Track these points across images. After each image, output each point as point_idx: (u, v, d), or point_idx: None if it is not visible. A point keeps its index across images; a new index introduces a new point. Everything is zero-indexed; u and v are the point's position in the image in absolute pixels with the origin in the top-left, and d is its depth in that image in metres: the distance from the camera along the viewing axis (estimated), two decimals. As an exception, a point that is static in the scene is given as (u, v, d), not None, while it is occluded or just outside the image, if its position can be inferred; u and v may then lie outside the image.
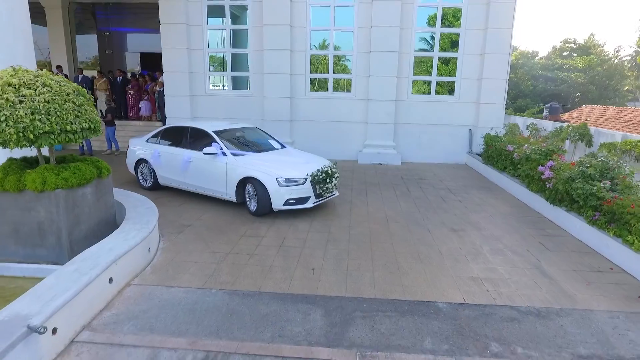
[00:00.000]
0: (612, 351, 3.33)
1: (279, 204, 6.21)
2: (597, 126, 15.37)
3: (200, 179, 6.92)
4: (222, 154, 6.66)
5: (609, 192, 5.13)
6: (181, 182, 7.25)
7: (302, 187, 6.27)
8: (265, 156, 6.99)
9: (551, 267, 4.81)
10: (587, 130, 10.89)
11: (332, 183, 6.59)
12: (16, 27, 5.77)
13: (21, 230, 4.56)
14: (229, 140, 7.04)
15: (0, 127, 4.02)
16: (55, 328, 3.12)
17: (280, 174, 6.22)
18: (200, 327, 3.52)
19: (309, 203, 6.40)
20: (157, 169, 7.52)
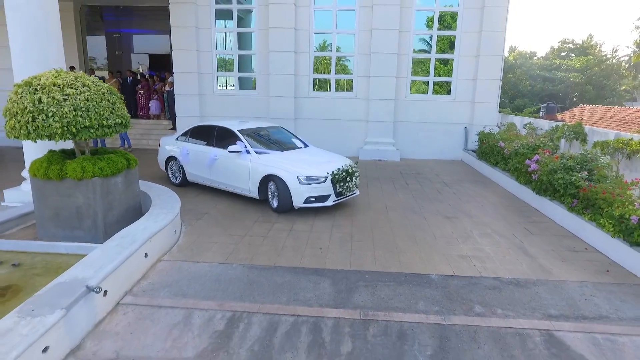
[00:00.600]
0: (578, 312, 3.91)
1: (300, 201, 6.34)
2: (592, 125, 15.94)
3: (226, 176, 7.14)
4: (246, 152, 6.85)
5: (586, 181, 5.71)
6: (208, 179, 7.49)
7: (323, 185, 6.37)
8: (288, 155, 7.09)
9: (533, 248, 5.39)
10: (582, 129, 11.44)
11: (353, 182, 6.66)
12: (49, 31, 6.33)
13: (61, 214, 5.13)
14: (253, 139, 7.23)
15: (48, 122, 4.59)
16: (106, 291, 3.70)
17: (302, 172, 6.34)
18: (226, 293, 4.10)
19: (329, 201, 6.49)
20: (185, 166, 7.79)
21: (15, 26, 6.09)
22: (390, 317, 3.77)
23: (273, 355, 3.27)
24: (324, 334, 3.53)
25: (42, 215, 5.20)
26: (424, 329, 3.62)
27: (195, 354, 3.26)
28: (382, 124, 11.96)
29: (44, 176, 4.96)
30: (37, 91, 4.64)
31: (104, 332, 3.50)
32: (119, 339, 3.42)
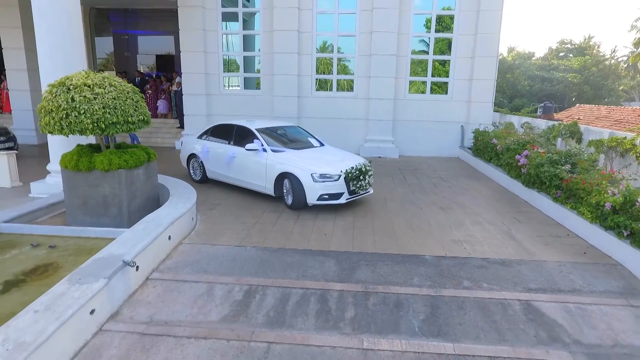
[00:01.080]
0: (555, 286, 4.41)
1: (313, 198, 6.48)
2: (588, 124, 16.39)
3: (243, 174, 7.36)
4: (263, 150, 7.04)
5: (569, 173, 6.20)
6: (226, 176, 7.74)
7: (336, 183, 6.49)
8: (303, 153, 7.20)
9: (519, 234, 5.89)
10: (577, 128, 11.89)
11: (366, 180, 6.76)
12: (73, 36, 6.84)
13: (89, 203, 5.63)
14: (270, 137, 7.42)
15: (80, 118, 5.09)
16: (138, 266, 4.19)
17: (315, 170, 6.48)
18: (242, 270, 4.60)
19: (342, 199, 6.60)
20: (205, 164, 8.05)
21: (42, 31, 6.60)
22: (388, 290, 4.27)
23: (286, 319, 3.77)
24: (330, 303, 4.03)
25: (71, 204, 5.70)
26: (418, 299, 4.12)
27: (219, 318, 3.76)
28: (382, 122, 12.45)
29: (74, 168, 5.47)
30: (70, 90, 5.15)
31: (137, 301, 4.01)
32: (151, 306, 3.93)
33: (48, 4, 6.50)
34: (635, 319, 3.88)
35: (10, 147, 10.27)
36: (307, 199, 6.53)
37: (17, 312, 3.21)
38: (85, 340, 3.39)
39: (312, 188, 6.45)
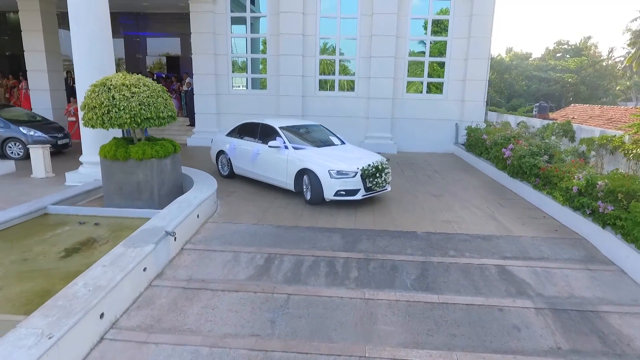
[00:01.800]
0: (526, 255, 5.22)
1: (330, 194, 6.72)
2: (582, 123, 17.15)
3: (266, 169, 7.70)
4: (285, 148, 7.33)
5: (546, 163, 7.01)
6: (251, 172, 8.10)
7: (352, 180, 6.70)
8: (323, 151, 7.46)
9: (501, 216, 6.69)
10: (570, 127, 12.66)
11: (382, 178, 6.89)
12: (104, 42, 7.64)
13: (124, 188, 6.44)
14: (292, 135, 7.72)
15: (119, 114, 5.90)
16: (176, 237, 5.00)
17: (333, 167, 6.71)
18: (261, 243, 5.40)
19: (358, 195, 6.80)
20: (233, 160, 8.47)
21: (78, 37, 7.40)
22: (385, 257, 5.08)
23: (301, 278, 4.57)
24: (337, 267, 4.84)
25: (108, 189, 6.51)
26: (410, 264, 4.93)
27: (246, 277, 4.57)
28: (381, 120, 13.25)
29: (112, 157, 6.27)
30: (110, 90, 5.95)
31: (176, 265, 4.81)
32: (189, 269, 4.73)
33: (84, 14, 7.30)
34: (589, 279, 4.69)
35: (65, 144, 11.16)
36: (324, 194, 6.77)
37: (82, 270, 4.00)
38: (140, 292, 4.20)
39: (329, 184, 6.69)
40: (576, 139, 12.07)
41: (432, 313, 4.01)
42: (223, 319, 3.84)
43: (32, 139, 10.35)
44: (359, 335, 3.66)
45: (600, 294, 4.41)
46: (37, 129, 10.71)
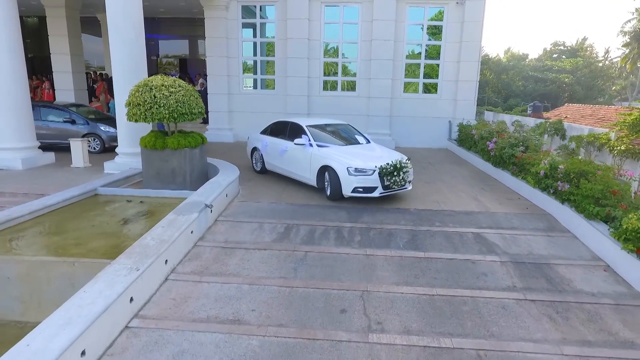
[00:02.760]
0: (499, 225, 6.34)
1: (348, 190, 6.97)
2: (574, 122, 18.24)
3: (292, 166, 8.16)
4: (309, 145, 7.69)
5: (522, 153, 8.12)
6: (280, 168, 8.58)
7: (370, 178, 6.92)
8: (345, 149, 7.75)
9: (483, 198, 7.81)
10: (562, 126, 13.72)
11: (400, 176, 7.01)
12: (139, 47, 8.74)
13: (161, 173, 7.54)
14: (318, 134, 8.05)
15: (160, 110, 7.01)
16: (211, 210, 6.11)
17: (351, 165, 6.97)
18: (280, 216, 6.52)
19: (376, 193, 7.00)
20: (264, 156, 8.96)
21: (117, 43, 8.50)
22: (383, 227, 6.20)
23: (315, 241, 5.69)
24: (343, 233, 5.96)
25: (147, 174, 7.62)
26: (403, 231, 6.05)
27: (271, 240, 5.69)
28: (380, 118, 14.36)
29: (152, 147, 7.38)
30: (152, 90, 7.06)
31: (213, 231, 5.93)
32: (224, 235, 5.85)
33: (121, 23, 8.40)
34: (547, 242, 5.81)
35: None
36: (342, 190, 7.05)
37: (140, 234, 5.11)
38: (189, 249, 5.32)
39: (347, 181, 6.95)
40: (567, 136, 13.10)
41: (419, 264, 5.13)
42: (256, 267, 4.96)
43: (108, 135, 11.42)
44: (361, 278, 4.79)
45: (554, 252, 5.53)
46: (110, 126, 11.58)
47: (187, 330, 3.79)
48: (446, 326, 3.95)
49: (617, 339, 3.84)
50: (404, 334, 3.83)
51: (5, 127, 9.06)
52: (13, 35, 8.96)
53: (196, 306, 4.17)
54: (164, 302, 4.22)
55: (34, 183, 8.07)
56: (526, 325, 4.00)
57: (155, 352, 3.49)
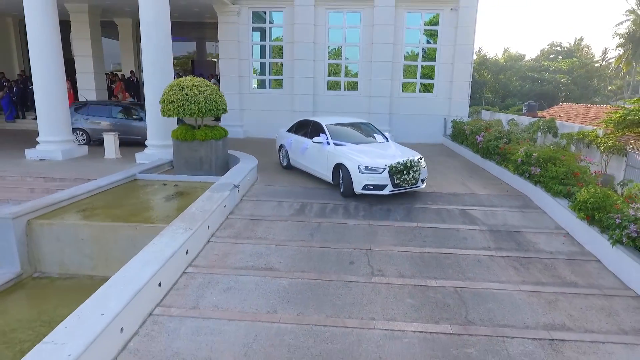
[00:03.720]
0: (481, 204, 7.47)
1: (359, 188, 7.22)
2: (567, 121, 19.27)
3: (312, 162, 8.56)
4: (327, 143, 8.00)
5: (505, 144, 9.25)
6: (302, 164, 9.01)
7: (380, 176, 7.13)
8: (361, 147, 7.94)
9: (470, 183, 8.94)
10: (554, 124, 14.79)
11: (410, 175, 7.17)
12: (166, 52, 9.87)
13: (190, 162, 8.67)
14: (336, 132, 8.37)
15: (191, 106, 8.14)
16: (238, 190, 7.24)
17: (362, 163, 7.20)
18: (296, 196, 7.66)
19: (386, 190, 7.18)
20: (289, 153, 9.47)
21: (149, 48, 9.63)
22: (383, 205, 7.33)
23: (326, 215, 6.82)
24: (350, 209, 7.09)
25: (178, 163, 8.76)
26: (400, 208, 7.18)
27: (289, 214, 6.82)
28: (380, 115, 15.47)
29: (182, 138, 8.52)
30: (184, 89, 8.19)
31: (241, 208, 7.07)
32: (249, 210, 6.98)
33: (153, 31, 9.52)
34: (520, 216, 6.94)
35: None
36: (353, 187, 7.31)
37: (182, 208, 6.23)
38: (222, 220, 6.45)
39: (358, 178, 7.20)
40: (559, 134, 14.15)
41: (412, 231, 6.27)
42: (279, 233, 6.10)
43: None
44: (366, 241, 5.92)
45: (524, 223, 6.67)
46: None
47: (231, 274, 4.93)
48: (432, 272, 5.09)
49: (564, 281, 4.98)
50: (399, 277, 4.96)
51: (47, 123, 10.18)
52: (55, 43, 10.06)
53: (235, 259, 5.30)
54: (210, 256, 5.36)
55: (78, 170, 9.19)
56: (495, 272, 5.14)
57: (210, 288, 4.62)
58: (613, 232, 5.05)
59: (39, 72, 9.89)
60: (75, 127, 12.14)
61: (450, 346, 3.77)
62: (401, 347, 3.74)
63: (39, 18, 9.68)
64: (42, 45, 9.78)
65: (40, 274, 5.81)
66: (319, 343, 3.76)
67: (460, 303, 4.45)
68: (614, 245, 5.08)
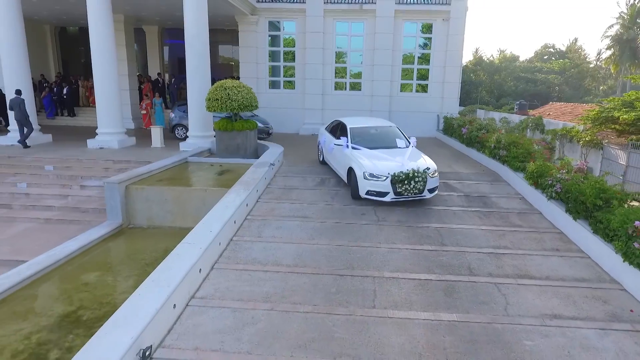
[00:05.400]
0: (460, 178, 9.60)
1: (362, 192, 7.57)
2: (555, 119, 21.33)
3: (335, 162, 9.21)
4: (346, 146, 8.48)
5: (483, 134, 11.38)
6: (330, 162, 9.75)
7: (382, 183, 7.35)
8: (375, 152, 8.15)
9: (454, 165, 11.06)
10: (541, 121, 16.82)
11: (411, 185, 7.27)
12: (205, 58, 11.95)
13: (228, 148, 10.78)
14: (358, 135, 8.76)
15: (232, 103, 10.25)
16: (273, 166, 9.35)
17: (367, 169, 7.49)
18: (317, 173, 9.79)
19: (387, 198, 7.39)
20: (323, 150, 10.33)
21: (192, 56, 11.72)
22: (384, 179, 9.46)
23: (341, 185, 8.93)
24: (359, 182, 9.22)
25: (219, 148, 10.87)
26: (398, 182, 9.30)
27: (313, 185, 8.95)
28: (381, 112, 17.57)
29: (223, 129, 10.62)
30: (226, 89, 10.29)
31: (275, 181, 9.18)
32: (282, 182, 9.10)
33: (196, 43, 11.60)
34: (489, 187, 9.07)
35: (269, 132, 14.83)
36: (359, 191, 7.70)
37: (233, 180, 8.32)
38: (264, 188, 8.55)
39: (362, 183, 7.55)
40: (545, 130, 16.14)
41: (407, 196, 8.39)
42: (309, 198, 8.21)
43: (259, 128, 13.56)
44: (373, 203, 8.03)
45: (492, 191, 8.79)
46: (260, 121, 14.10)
47: (279, 219, 7.04)
48: (420, 220, 7.20)
49: (512, 224, 7.10)
50: (397, 222, 7.07)
51: (106, 117, 12.26)
52: (112, 48, 12.15)
53: (280, 211, 7.42)
54: (261, 209, 7.48)
55: (136, 156, 11.28)
56: (464, 220, 7.26)
57: (266, 227, 6.73)
58: (547, 191, 7.17)
59: (99, 76, 11.97)
60: (177, 124, 14.25)
61: (430, 256, 5.89)
62: (399, 256, 5.86)
63: (100, 30, 11.75)
64: (102, 54, 11.86)
65: (133, 226, 7.92)
66: (345, 254, 5.88)
67: (438, 235, 6.58)
68: (549, 200, 7.20)
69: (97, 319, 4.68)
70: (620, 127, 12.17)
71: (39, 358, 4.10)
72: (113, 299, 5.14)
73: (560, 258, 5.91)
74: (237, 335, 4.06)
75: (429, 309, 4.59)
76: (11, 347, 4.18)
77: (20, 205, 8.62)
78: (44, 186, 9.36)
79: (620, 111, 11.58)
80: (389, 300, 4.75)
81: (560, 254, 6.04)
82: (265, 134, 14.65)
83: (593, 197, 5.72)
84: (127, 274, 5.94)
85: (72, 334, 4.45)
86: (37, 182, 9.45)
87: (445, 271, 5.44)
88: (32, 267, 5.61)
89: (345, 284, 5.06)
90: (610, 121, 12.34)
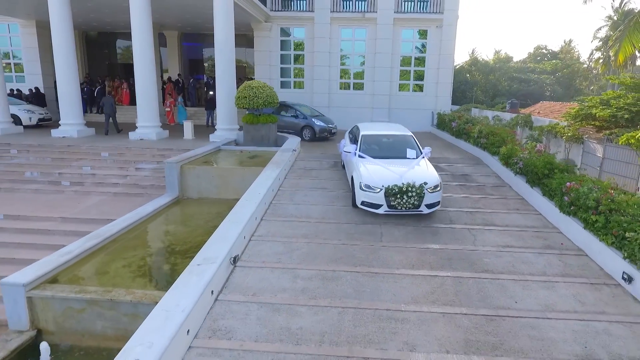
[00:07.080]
0: (449, 162, 11.65)
1: (358, 202, 7.62)
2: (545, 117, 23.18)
3: (345, 166, 9.69)
4: (354, 154, 8.65)
5: (469, 126, 13.39)
6: (344, 165, 10.06)
7: (376, 195, 7.28)
8: (379, 162, 8.19)
9: (445, 153, 13.08)
10: (530, 119, 18.76)
11: (404, 200, 7.08)
12: (232, 62, 13.93)
13: (254, 138, 12.76)
14: (370, 143, 8.94)
15: (257, 101, 12.24)
16: (294, 151, 11.34)
17: (364, 180, 7.52)
18: (329, 159, 11.80)
19: (381, 210, 7.32)
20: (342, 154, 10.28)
21: (221, 61, 13.69)
22: (386, 163, 11.50)
23: (351, 167, 10.96)
24: (365, 165, 11.26)
25: (246, 139, 12.87)
26: (397, 165, 11.34)
27: (327, 167, 10.97)
28: (382, 110, 19.60)
29: (250, 122, 12.61)
30: (253, 88, 12.28)
31: (297, 163, 11.20)
32: (302, 164, 11.11)
33: (225, 48, 13.57)
34: (472, 168, 11.09)
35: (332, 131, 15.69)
36: (355, 200, 7.75)
37: (264, 161, 10.31)
38: (289, 169, 10.54)
39: (358, 194, 7.60)
40: (534, 127, 18.06)
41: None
42: (324, 178, 10.20)
43: (319, 128, 15.30)
44: (377, 178, 10.06)
45: (473, 171, 10.82)
46: (320, 121, 15.62)
47: (304, 190, 9.04)
48: (414, 190, 9.21)
49: (486, 193, 9.12)
50: (396, 192, 9.09)
51: (145, 112, 14.20)
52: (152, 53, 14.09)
53: (304, 184, 9.42)
54: (289, 183, 9.48)
55: (175, 145, 13.24)
56: (450, 189, 9.27)
57: (295, 194, 8.73)
58: (513, 167, 9.20)
59: (140, 76, 13.91)
60: None
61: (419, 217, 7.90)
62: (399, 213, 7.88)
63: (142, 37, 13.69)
64: (144, 57, 13.79)
65: (186, 198, 9.90)
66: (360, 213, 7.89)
67: (428, 200, 8.59)
68: (515, 175, 9.22)
69: (185, 250, 6.67)
70: (599, 123, 14.01)
71: (158, 267, 6.11)
72: (190, 239, 7.13)
73: (519, 214, 7.93)
74: (288, 256, 6.06)
75: (419, 242, 6.61)
76: (136, 264, 6.17)
77: (91, 183, 10.58)
78: (105, 168, 11.31)
79: (597, 109, 13.40)
80: (391, 237, 6.77)
81: (520, 212, 8.06)
82: (329, 134, 15.38)
83: (541, 167, 7.74)
84: (193, 227, 7.93)
85: (172, 257, 6.46)
86: (98, 166, 11.40)
87: (432, 222, 7.46)
88: (126, 221, 7.58)
89: (360, 229, 7.08)
90: (590, 118, 14.07)
